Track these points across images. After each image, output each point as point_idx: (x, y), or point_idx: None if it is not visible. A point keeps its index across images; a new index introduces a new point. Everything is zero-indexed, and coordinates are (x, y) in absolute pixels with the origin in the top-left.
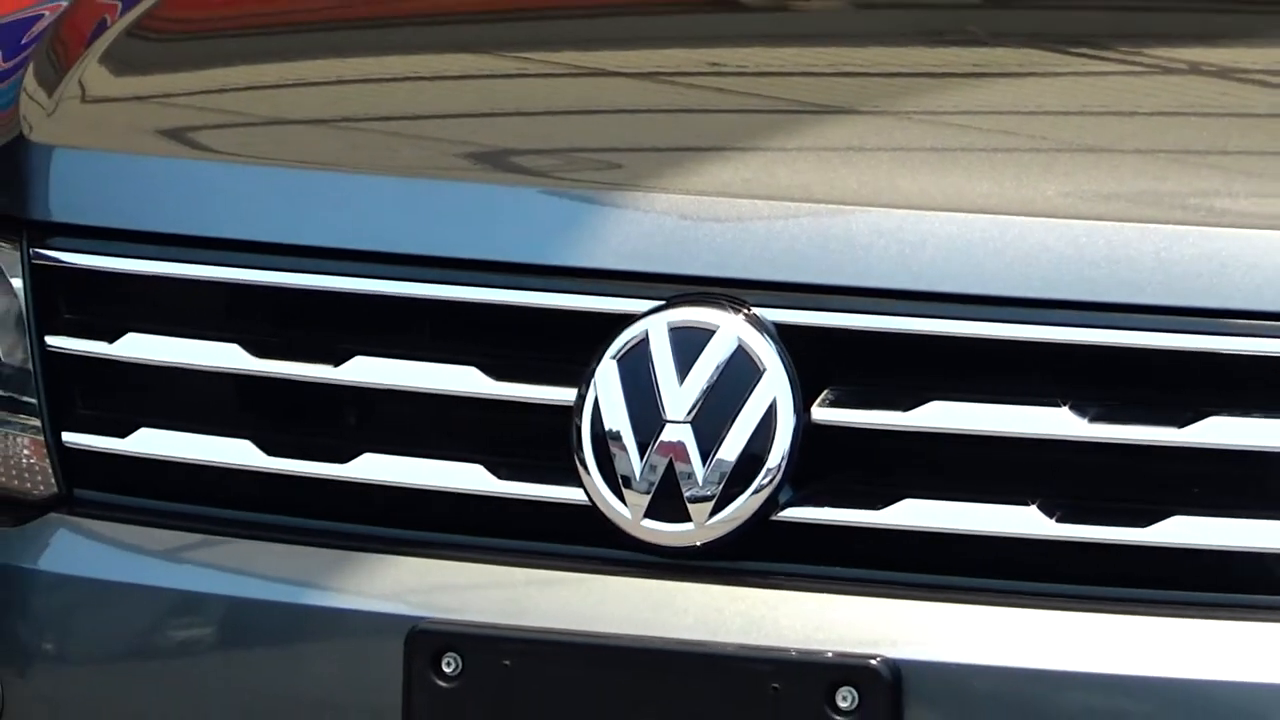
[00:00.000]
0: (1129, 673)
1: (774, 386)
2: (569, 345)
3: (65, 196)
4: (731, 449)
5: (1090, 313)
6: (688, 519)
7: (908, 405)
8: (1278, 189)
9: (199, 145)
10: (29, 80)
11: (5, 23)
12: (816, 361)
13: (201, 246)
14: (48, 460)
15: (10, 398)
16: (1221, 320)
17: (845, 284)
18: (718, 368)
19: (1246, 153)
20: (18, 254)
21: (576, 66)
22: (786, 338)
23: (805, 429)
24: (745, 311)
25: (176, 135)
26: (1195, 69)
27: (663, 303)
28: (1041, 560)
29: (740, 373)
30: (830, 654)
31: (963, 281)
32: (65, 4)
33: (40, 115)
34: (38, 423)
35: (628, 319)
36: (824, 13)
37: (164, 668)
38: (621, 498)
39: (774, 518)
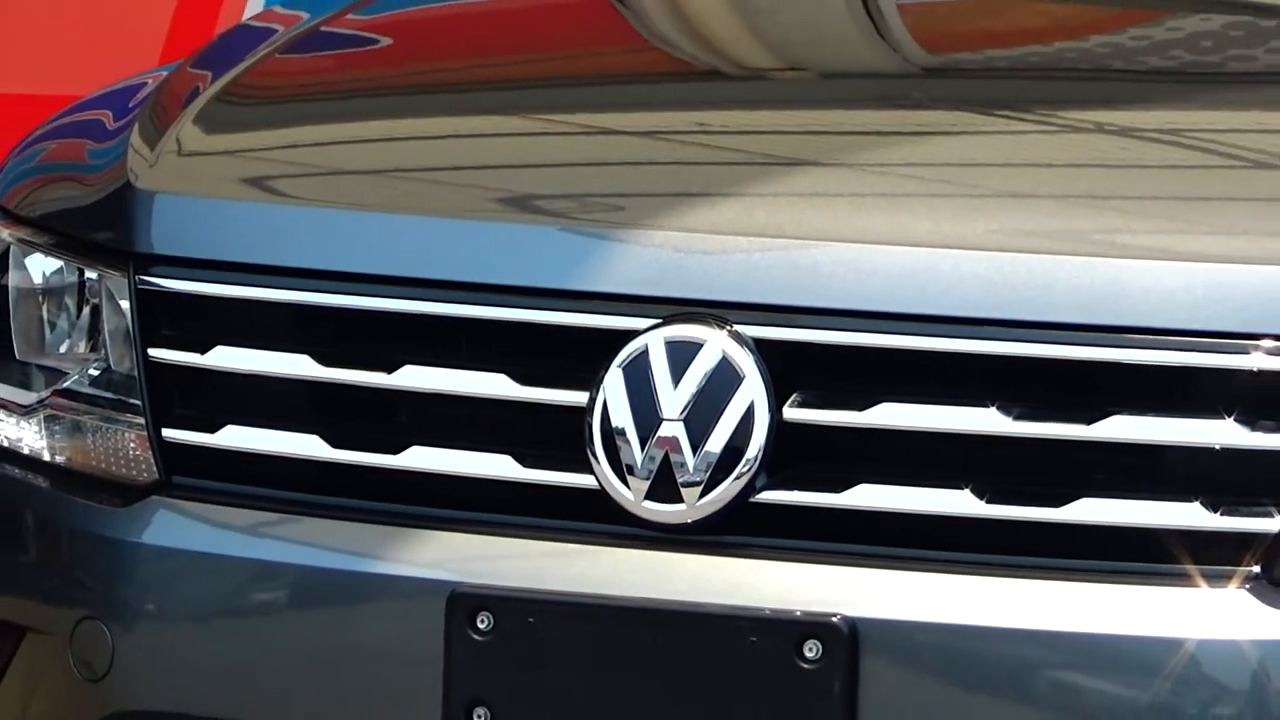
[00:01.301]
0: (1043, 628)
1: (752, 391)
2: (582, 356)
3: (164, 233)
4: (717, 442)
5: (1013, 329)
6: (680, 501)
7: (862, 406)
8: (1165, 227)
9: (275, 191)
10: (135, 137)
11: (115, 89)
12: (787, 370)
13: (276, 274)
14: (150, 452)
15: (120, 400)
16: (1121, 335)
17: (811, 305)
18: (705, 375)
19: (1140, 197)
20: (125, 281)
21: (588, 126)
22: (763, 350)
23: (778, 426)
24: (728, 328)
25: (256, 183)
26: (1099, 128)
27: (660, 321)
28: (973, 535)
29: (724, 379)
30: (799, 613)
31: (908, 303)
32: (165, 74)
33: (144, 166)
34: (142, 421)
35: (631, 334)
36: (792, 81)
37: (245, 624)
38: (625, 483)
39: (752, 499)
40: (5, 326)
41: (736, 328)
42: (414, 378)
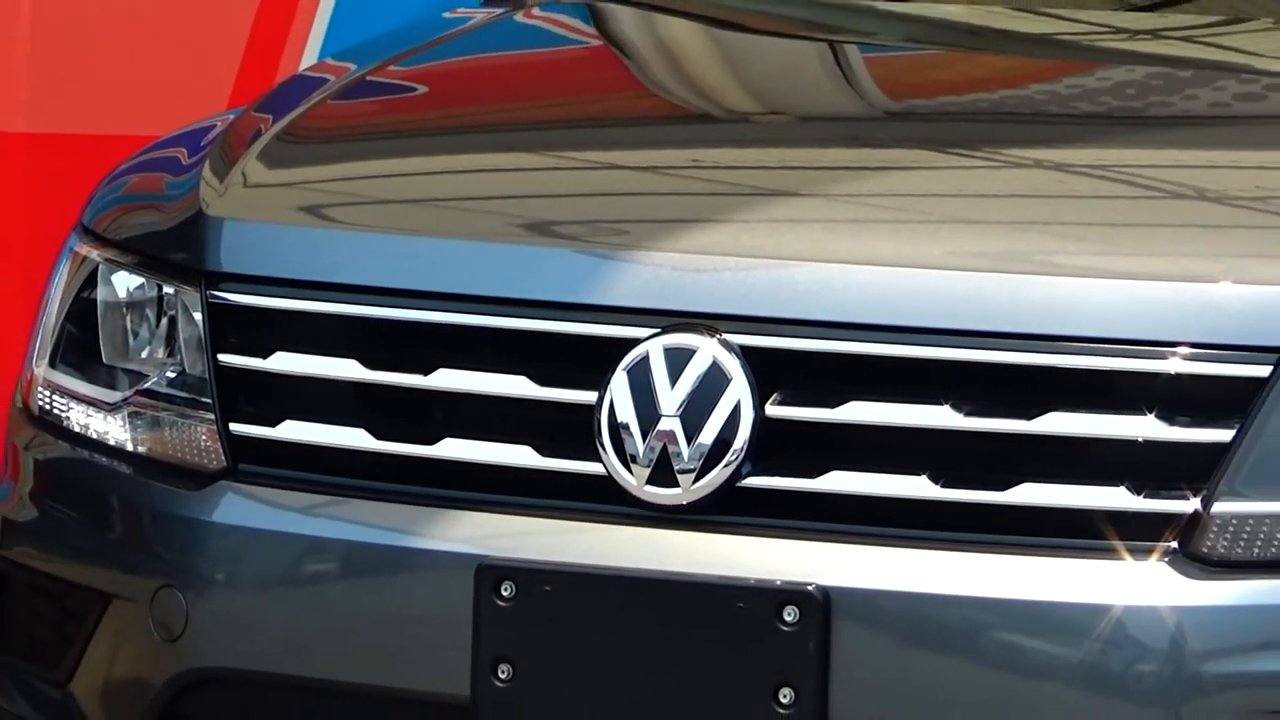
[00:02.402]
0: (990, 595)
1: (738, 391)
2: (592, 361)
3: (232, 254)
4: (708, 435)
5: (963, 338)
6: (676, 485)
7: (834, 404)
8: (1094, 249)
9: (327, 218)
10: (206, 171)
11: (189, 130)
12: (769, 372)
13: (328, 290)
14: (219, 443)
15: (193, 398)
16: (1056, 343)
17: (790, 317)
18: (698, 377)
19: (1072, 223)
20: (198, 295)
21: (596, 161)
22: (748, 356)
23: (761, 421)
24: (718, 337)
25: (311, 210)
26: (1037, 164)
27: (659, 330)
28: (929, 515)
29: (714, 381)
30: (779, 582)
31: (874, 315)
32: (232, 117)
33: (214, 196)
34: (212, 416)
35: (634, 342)
36: (773, 123)
37: (301, 591)
38: (629, 470)
39: (738, 484)
40: (94, 335)
41: (725, 336)
42: (447, 379)
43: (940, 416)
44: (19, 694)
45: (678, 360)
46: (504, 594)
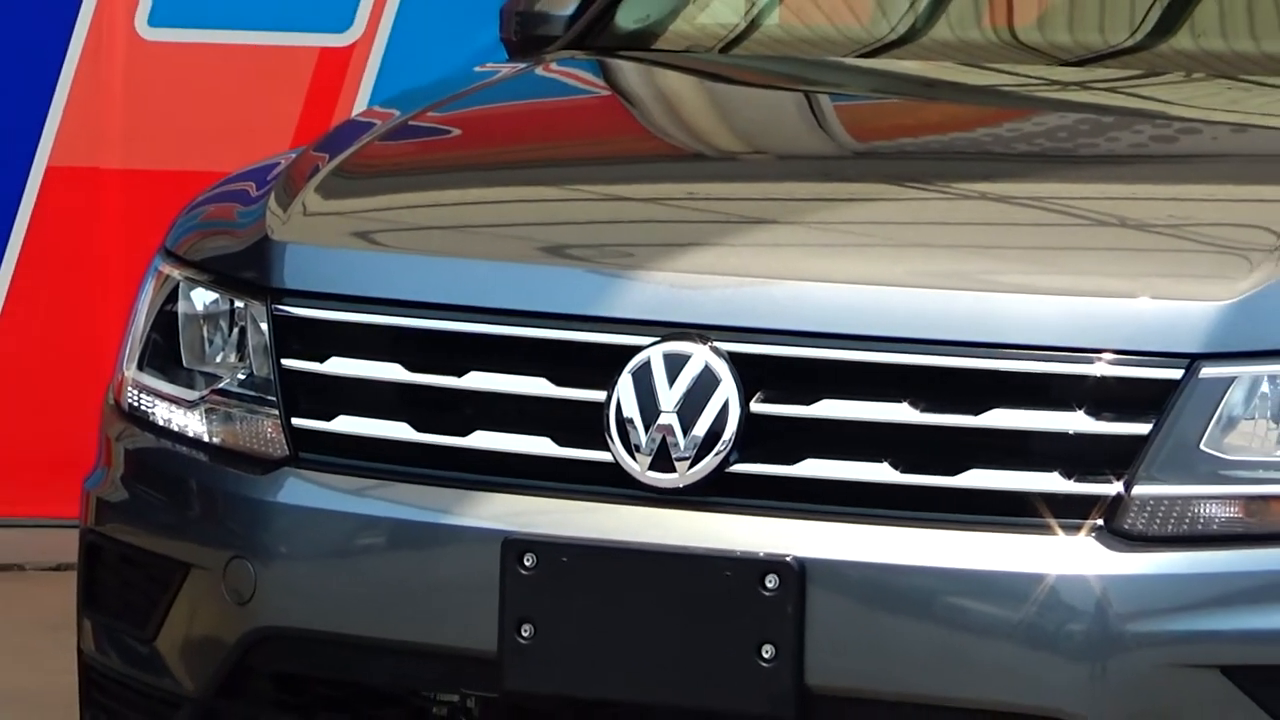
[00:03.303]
0: (942, 565)
1: (726, 391)
2: (601, 365)
3: (293, 273)
4: (701, 428)
5: (919, 345)
6: (674, 471)
7: (809, 401)
8: (1031, 269)
9: (376, 242)
10: (271, 202)
11: (257, 167)
12: (753, 375)
13: (376, 304)
14: (282, 434)
15: (260, 396)
16: (998, 350)
17: (771, 327)
18: (692, 379)
19: (1014, 247)
20: (264, 308)
21: (605, 194)
22: (735, 360)
23: (746, 416)
24: (709, 344)
25: (362, 236)
26: (983, 196)
27: (659, 339)
28: (890, 496)
29: (706, 382)
30: (761, 554)
31: (843, 326)
32: (293, 155)
33: (278, 223)
34: (276, 412)
35: (637, 349)
36: (756, 161)
37: (353, 561)
38: (633, 458)
39: (727, 470)
40: (175, 342)
41: (715, 344)
42: (477, 380)
43: (899, 412)
44: (112, 649)
45: (675, 364)
46: (526, 564)
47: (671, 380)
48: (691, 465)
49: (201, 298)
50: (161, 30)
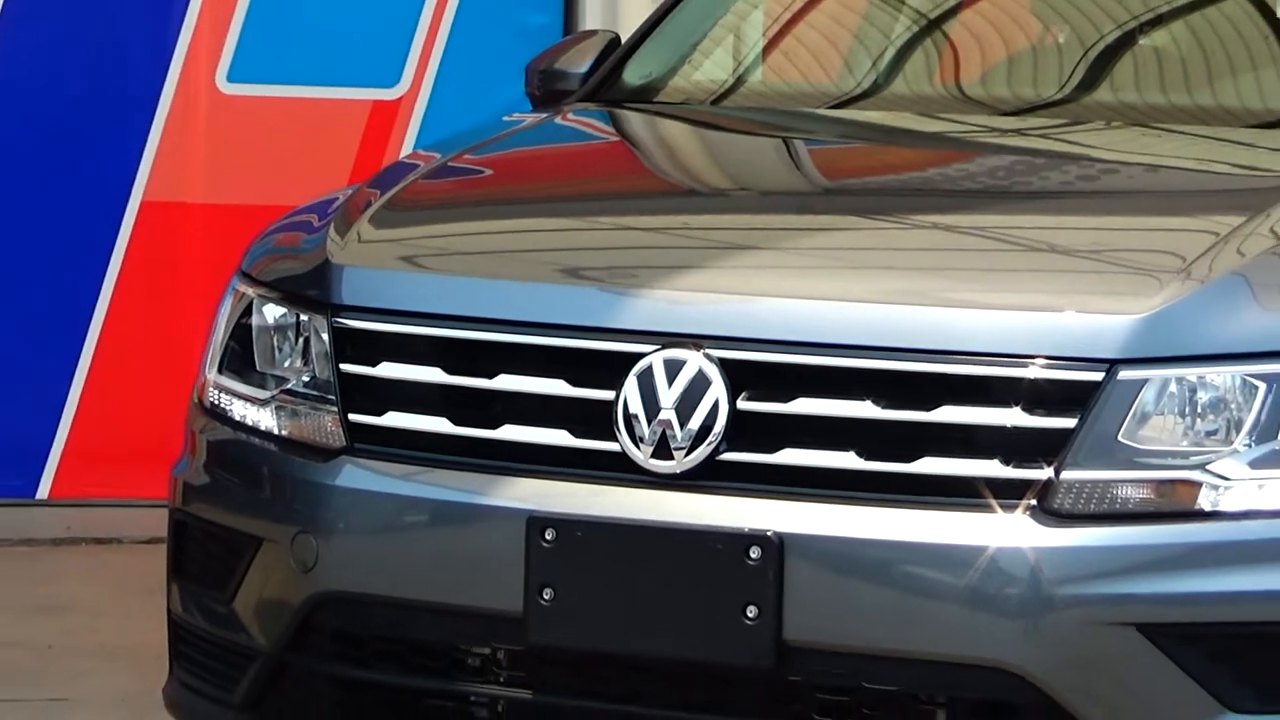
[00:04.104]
0: (899, 539)
1: (716, 391)
2: (611, 369)
3: (350, 291)
4: (695, 423)
5: (880, 351)
6: (672, 459)
7: (786, 400)
8: (975, 288)
9: (419, 265)
10: (331, 231)
11: (319, 201)
12: (739, 377)
13: (419, 317)
14: (340, 428)
15: (321, 396)
16: (948, 355)
17: (755, 337)
18: (688, 381)
19: (959, 269)
20: (325, 321)
21: (615, 224)
22: (724, 365)
23: (733, 412)
24: (702, 351)
25: (408, 260)
26: (935, 225)
27: (659, 346)
28: (856, 481)
29: (699, 383)
30: (746, 529)
31: (815, 335)
32: (350, 191)
33: (337, 249)
34: (335, 409)
35: (641, 355)
36: (742, 196)
37: (399, 535)
38: (638, 448)
39: (717, 458)
40: (249, 350)
41: (707, 351)
42: (506, 382)
43: (863, 409)
44: (196, 610)
45: (673, 368)
46: (547, 538)
47: (670, 382)
48: (687, 454)
49: (272, 312)
50: (238, 85)
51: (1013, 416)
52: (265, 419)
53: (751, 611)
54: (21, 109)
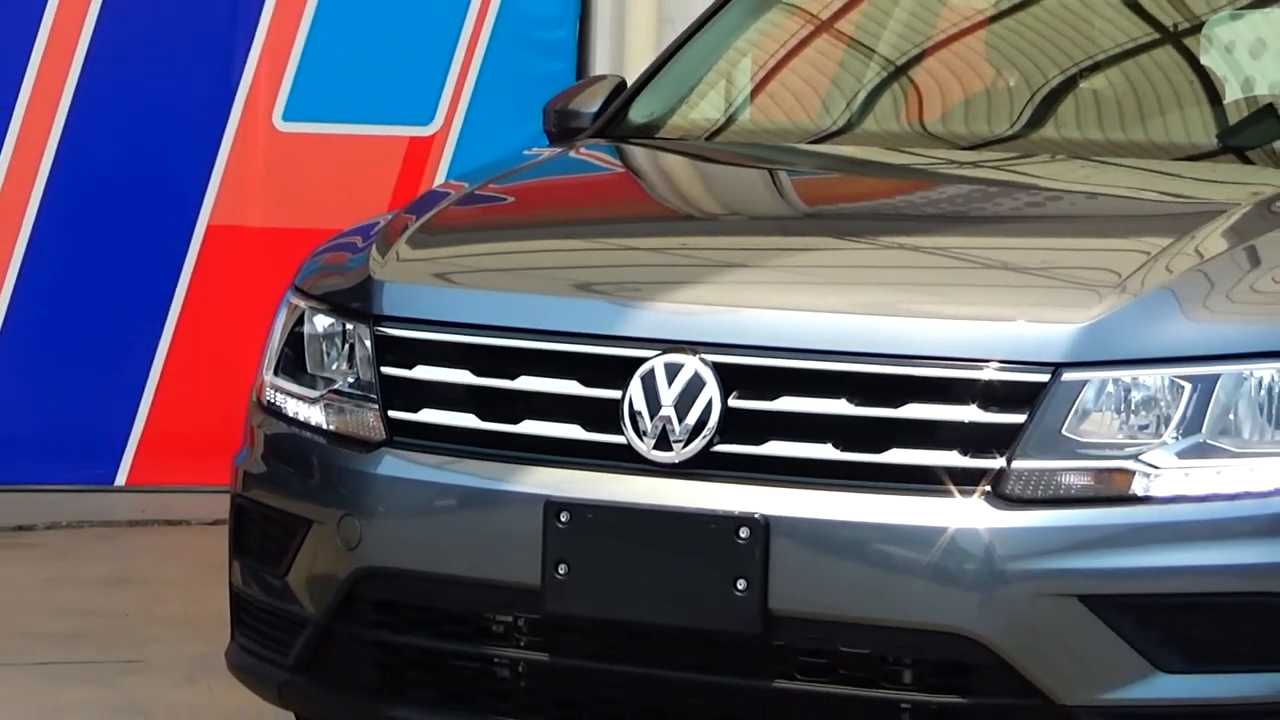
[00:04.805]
0: (870, 521)
1: (710, 390)
2: (618, 371)
3: (389, 303)
4: (691, 419)
5: (853, 355)
6: (671, 450)
7: (771, 398)
8: (936, 300)
9: (450, 280)
10: (373, 250)
11: (362, 225)
12: (730, 379)
13: (449, 326)
14: (381, 423)
15: (364, 395)
16: (912, 359)
17: (744, 343)
18: (685, 382)
19: (923, 284)
20: (368, 329)
21: (621, 245)
22: (717, 368)
23: (725, 410)
24: (698, 356)
25: (440, 276)
26: (900, 246)
27: (660, 351)
28: (832, 469)
29: (695, 384)
30: (736, 512)
31: (796, 342)
32: (389, 216)
33: (378, 266)
34: (376, 407)
35: (645, 359)
36: (732, 220)
37: (433, 517)
38: (642, 441)
39: (711, 450)
40: (301, 354)
41: (702, 356)
42: (526, 383)
43: (838, 406)
44: (254, 583)
45: (672, 371)
46: (562, 520)
47: (670, 383)
48: (685, 446)
49: (321, 322)
50: (292, 123)
51: (969, 413)
52: (315, 415)
53: (741, 584)
54: (109, 143)
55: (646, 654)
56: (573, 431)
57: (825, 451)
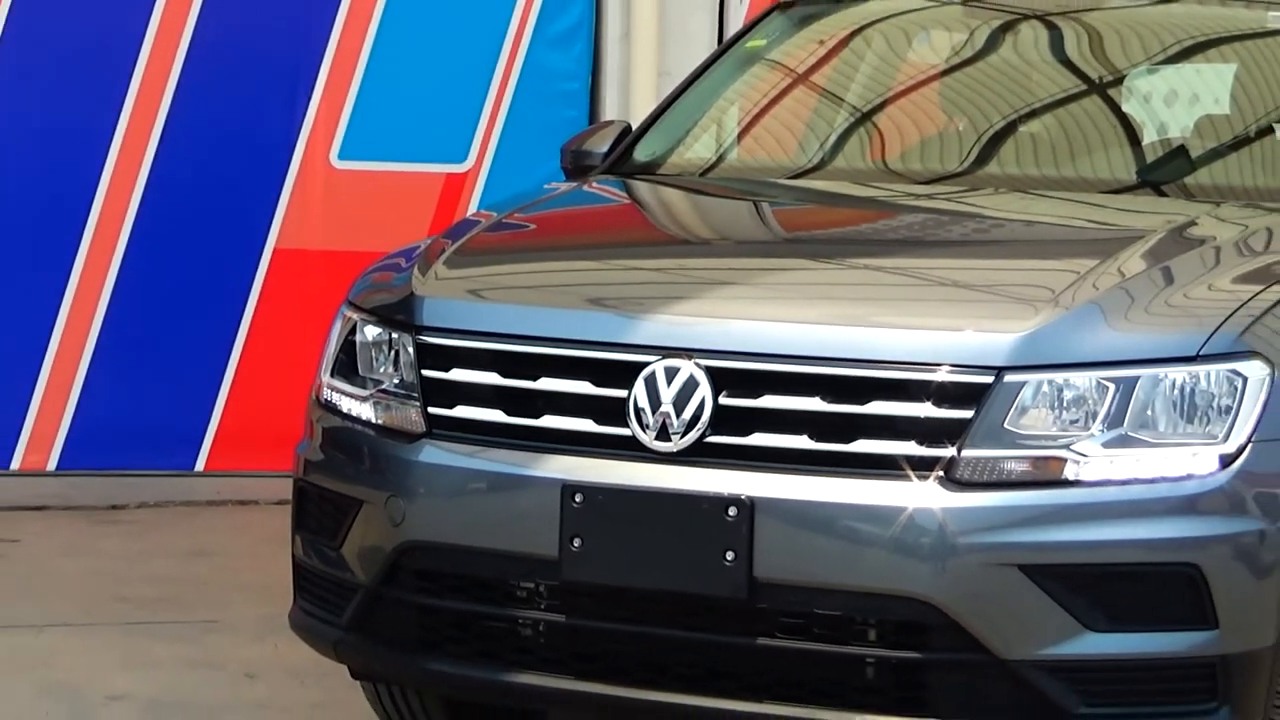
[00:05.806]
0: (841, 501)
1: (704, 390)
2: (625, 374)
3: (429, 316)
4: (687, 414)
5: (826, 360)
6: (670, 441)
7: (756, 396)
8: (897, 312)
9: (481, 296)
10: (415, 270)
11: (406, 248)
12: (721, 380)
13: (480, 335)
14: (422, 418)
15: (408, 394)
16: (877, 364)
17: (732, 350)
18: (682, 383)
19: (887, 299)
20: (410, 338)
21: (627, 265)
22: (709, 371)
23: (716, 407)
24: (693, 360)
25: (473, 293)
26: (867, 267)
27: (660, 356)
28: (808, 458)
29: (691, 385)
30: (725, 494)
31: (777, 348)
32: (429, 241)
33: (420, 284)
34: (418, 404)
35: (647, 363)
36: (723, 244)
37: (467, 498)
38: (645, 433)
39: (704, 441)
40: (354, 359)
41: (697, 360)
42: (546, 384)
43: (813, 403)
44: (313, 555)
45: (671, 373)
46: (576, 500)
47: (669, 383)
48: (681, 437)
49: (371, 331)
50: (346, 161)
51: (925, 409)
52: (366, 411)
53: (729, 556)
54: (193, 175)
55: (649, 615)
56: (585, 425)
57: (802, 442)
